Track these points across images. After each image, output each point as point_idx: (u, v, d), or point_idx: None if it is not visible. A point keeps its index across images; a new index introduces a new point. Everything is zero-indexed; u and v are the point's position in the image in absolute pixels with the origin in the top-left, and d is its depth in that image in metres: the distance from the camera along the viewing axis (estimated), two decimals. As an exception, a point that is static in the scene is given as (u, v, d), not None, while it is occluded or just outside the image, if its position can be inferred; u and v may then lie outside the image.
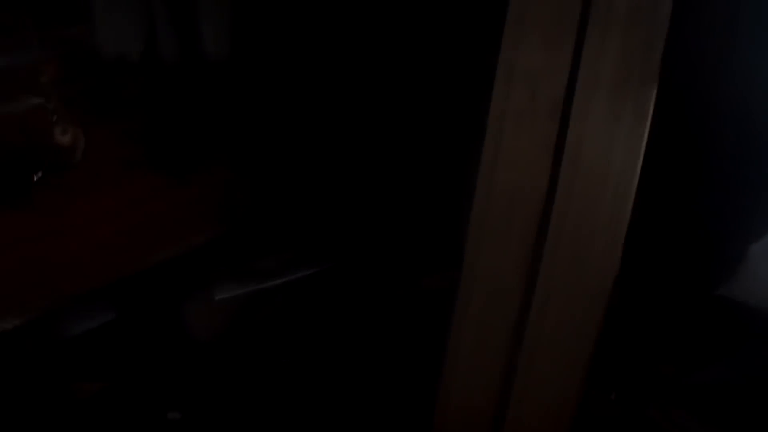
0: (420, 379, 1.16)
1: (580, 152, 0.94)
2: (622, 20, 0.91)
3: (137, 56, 1.14)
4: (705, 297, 1.21)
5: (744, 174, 1.19)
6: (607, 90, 0.93)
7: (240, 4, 1.25)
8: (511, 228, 1.00)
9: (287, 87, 1.35)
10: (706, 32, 1.15)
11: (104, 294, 1.17)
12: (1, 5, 1.02)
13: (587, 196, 0.94)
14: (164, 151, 1.23)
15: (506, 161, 0.99)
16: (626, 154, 0.91)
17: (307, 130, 1.39)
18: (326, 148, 1.42)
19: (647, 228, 1.03)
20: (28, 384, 1.11)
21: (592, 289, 0.97)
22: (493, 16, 0.98)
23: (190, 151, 1.27)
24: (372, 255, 1.41)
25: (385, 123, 1.41)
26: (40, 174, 1.07)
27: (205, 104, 1.26)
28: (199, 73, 1.20)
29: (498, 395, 1.08)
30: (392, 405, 1.18)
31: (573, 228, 0.96)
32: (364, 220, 1.42)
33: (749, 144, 1.18)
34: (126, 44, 1.15)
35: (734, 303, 1.19)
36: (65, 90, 1.07)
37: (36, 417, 1.07)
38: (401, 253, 1.40)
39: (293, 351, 1.26)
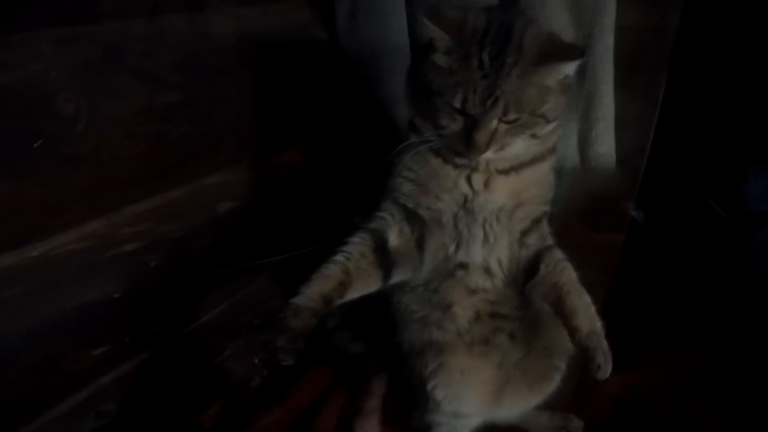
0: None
1: (591, 137, 0.95)
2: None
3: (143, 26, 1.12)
4: (689, 283, 1.24)
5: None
6: (618, 75, 0.94)
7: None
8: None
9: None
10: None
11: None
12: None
13: (598, 178, 0.95)
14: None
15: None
16: (636, 138, 0.92)
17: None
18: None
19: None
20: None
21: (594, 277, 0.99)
22: None
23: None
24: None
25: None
26: (40, 142, 1.05)
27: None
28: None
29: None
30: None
31: (581, 213, 0.98)
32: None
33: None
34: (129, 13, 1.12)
35: (731, 289, 1.22)
36: (69, 59, 1.04)
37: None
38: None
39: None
